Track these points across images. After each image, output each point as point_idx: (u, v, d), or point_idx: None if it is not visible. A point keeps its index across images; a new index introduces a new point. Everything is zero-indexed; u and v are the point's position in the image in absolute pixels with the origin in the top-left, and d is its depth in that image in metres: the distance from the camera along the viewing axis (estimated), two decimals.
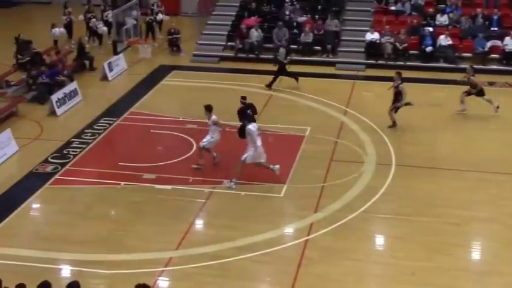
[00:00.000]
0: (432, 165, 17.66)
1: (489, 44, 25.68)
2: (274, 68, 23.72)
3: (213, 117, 16.87)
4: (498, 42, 25.70)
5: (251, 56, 26.69)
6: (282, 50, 23.95)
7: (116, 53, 26.64)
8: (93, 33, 28.39)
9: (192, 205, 15.67)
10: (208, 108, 16.94)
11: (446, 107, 21.75)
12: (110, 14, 28.16)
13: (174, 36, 27.72)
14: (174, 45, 27.82)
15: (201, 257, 13.51)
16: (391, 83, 19.68)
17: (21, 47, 24.92)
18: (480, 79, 23.20)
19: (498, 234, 14.50)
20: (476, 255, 14.11)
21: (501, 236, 14.40)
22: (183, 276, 12.95)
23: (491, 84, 23.98)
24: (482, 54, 25.58)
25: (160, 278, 12.93)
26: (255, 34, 26.69)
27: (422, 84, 23.78)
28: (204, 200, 15.78)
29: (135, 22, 28.04)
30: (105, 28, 28.14)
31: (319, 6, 28.56)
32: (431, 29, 26.39)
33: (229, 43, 27.48)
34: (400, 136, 19.46)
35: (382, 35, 26.15)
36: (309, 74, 24.81)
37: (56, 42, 27.35)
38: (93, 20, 28.17)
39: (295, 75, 23.63)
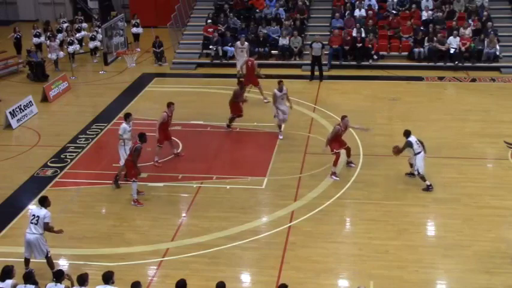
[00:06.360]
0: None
1: None
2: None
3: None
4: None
5: (224, 61, 26.49)
6: (316, 45, 24.07)
7: (106, 63, 26.25)
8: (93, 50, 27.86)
9: (183, 200, 15.54)
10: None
11: (402, 101, 21.94)
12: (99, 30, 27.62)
13: (160, 49, 27.10)
14: (159, 58, 27.06)
15: (195, 247, 13.41)
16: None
17: None
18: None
19: (459, 212, 14.61)
20: (441, 232, 14.13)
21: (462, 213, 14.54)
22: (180, 265, 12.82)
23: (440, 78, 24.31)
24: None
25: (159, 267, 12.79)
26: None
27: (382, 81, 24.13)
28: (193, 195, 15.62)
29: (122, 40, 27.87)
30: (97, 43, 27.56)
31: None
32: None
33: (204, 51, 27.26)
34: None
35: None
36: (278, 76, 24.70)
37: None
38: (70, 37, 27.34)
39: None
